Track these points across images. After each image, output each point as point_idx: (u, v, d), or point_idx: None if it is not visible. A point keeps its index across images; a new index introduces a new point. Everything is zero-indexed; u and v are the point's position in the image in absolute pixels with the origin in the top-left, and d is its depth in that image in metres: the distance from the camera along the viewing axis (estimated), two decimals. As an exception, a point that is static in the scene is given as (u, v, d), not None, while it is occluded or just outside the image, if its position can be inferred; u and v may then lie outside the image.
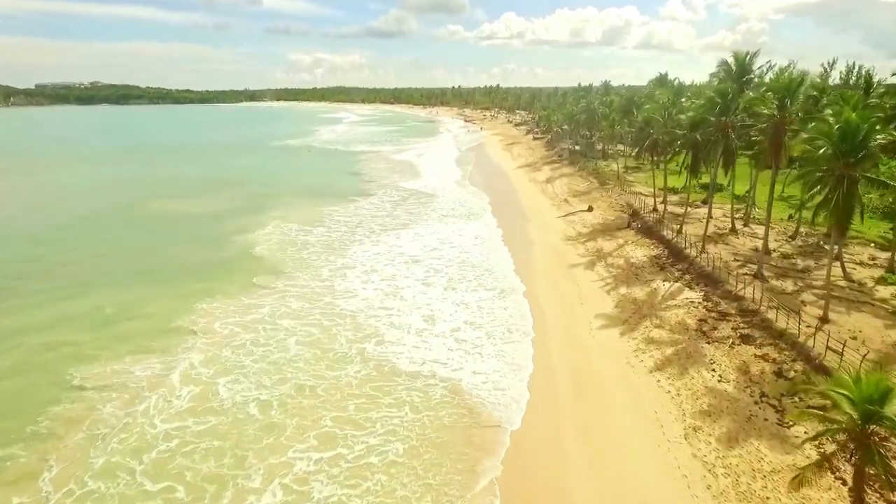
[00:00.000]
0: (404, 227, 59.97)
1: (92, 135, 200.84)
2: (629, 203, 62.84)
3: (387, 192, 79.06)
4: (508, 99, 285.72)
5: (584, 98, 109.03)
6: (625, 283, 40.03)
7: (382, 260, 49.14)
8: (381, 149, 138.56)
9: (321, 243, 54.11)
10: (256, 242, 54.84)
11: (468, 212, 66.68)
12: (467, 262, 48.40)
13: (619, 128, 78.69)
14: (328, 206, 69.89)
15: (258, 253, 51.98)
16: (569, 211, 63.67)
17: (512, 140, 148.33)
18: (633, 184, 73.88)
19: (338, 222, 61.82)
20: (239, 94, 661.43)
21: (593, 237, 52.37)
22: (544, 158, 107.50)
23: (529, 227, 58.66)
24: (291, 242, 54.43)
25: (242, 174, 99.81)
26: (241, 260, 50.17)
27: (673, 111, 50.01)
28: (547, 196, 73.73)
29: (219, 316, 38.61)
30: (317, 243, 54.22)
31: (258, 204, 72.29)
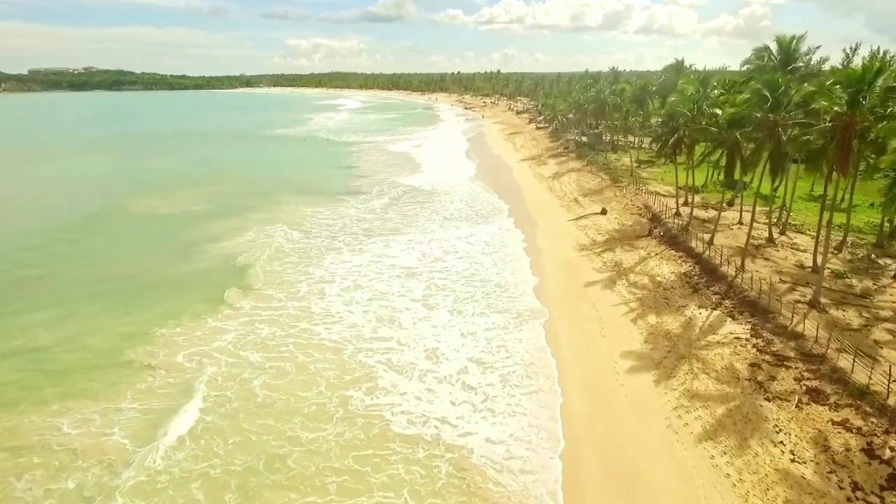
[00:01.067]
0: (396, 231, 53.85)
1: (80, 123, 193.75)
2: (647, 205, 56.71)
3: (382, 189, 72.81)
4: (509, 85, 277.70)
5: (592, 86, 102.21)
6: (652, 309, 34.11)
7: (369, 272, 43.17)
8: (378, 139, 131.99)
9: (307, 251, 48.10)
10: (236, 251, 48.95)
11: (472, 214, 60.54)
12: (473, 276, 42.46)
13: (634, 120, 72.19)
14: (318, 207, 63.74)
15: (238, 264, 46.11)
16: (580, 213, 57.57)
17: (514, 129, 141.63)
18: (649, 181, 67.67)
19: (327, 227, 55.67)
20: (235, 80, 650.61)
21: (610, 247, 46.35)
22: (549, 150, 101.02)
23: (537, 233, 52.61)
24: (276, 251, 48.35)
25: (230, 168, 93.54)
26: (218, 273, 44.26)
27: (703, 104, 43.66)
28: (555, 195, 67.55)
29: (182, 345, 32.98)
30: (303, 251, 48.19)
31: (243, 204, 66.17)
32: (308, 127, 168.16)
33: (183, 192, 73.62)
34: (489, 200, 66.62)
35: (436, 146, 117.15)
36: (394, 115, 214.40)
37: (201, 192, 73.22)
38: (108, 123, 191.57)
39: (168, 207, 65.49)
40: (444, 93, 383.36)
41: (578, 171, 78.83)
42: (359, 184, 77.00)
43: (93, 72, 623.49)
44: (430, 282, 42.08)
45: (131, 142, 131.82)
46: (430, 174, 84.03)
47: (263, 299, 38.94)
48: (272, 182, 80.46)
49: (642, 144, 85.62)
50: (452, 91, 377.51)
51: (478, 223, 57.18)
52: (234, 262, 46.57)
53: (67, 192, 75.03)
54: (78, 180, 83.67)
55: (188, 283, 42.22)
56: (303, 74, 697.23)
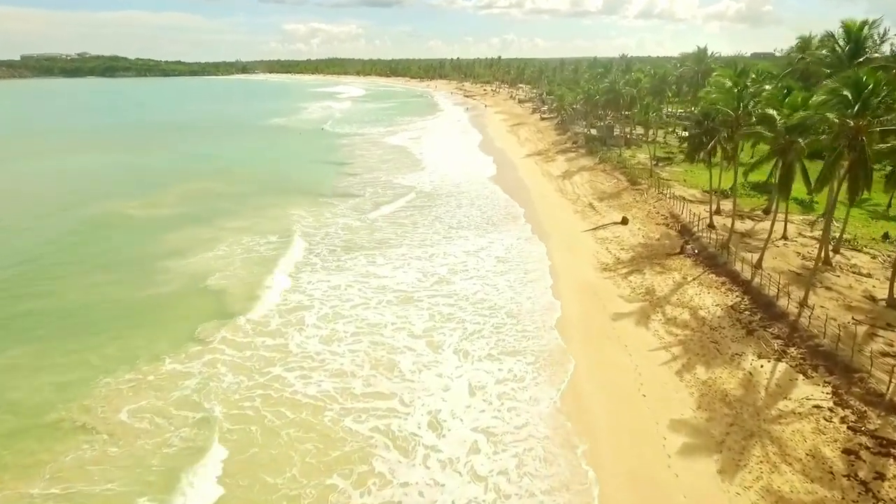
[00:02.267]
0: (391, 244, 47.48)
1: (66, 114, 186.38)
2: (673, 214, 50.39)
3: (377, 191, 66.33)
4: (511, 72, 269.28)
5: (604, 76, 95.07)
6: (700, 358, 27.99)
7: (353, 295, 36.93)
8: (376, 130, 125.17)
9: (289, 269, 41.81)
10: (206, 270, 42.75)
11: (482, 220, 54.14)
12: (483, 302, 36.31)
13: (655, 115, 65.48)
14: (305, 210, 57.34)
15: (208, 287, 39.98)
16: (598, 223, 51.23)
17: (517, 120, 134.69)
18: (670, 183, 61.26)
19: (311, 237, 49.26)
20: (230, 67, 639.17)
21: (637, 266, 40.11)
22: (556, 145, 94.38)
23: (551, 245, 46.37)
24: (250, 273, 42.09)
25: (217, 163, 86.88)
26: (182, 300, 38.22)
27: (749, 103, 37.17)
28: (566, 198, 61.16)
29: (128, 396, 27.14)
30: (283, 268, 41.92)
31: (223, 207, 59.82)
32: (303, 116, 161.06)
33: (162, 192, 67.15)
34: (499, 203, 60.26)
35: (436, 139, 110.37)
36: (392, 103, 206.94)
37: (181, 192, 66.87)
38: (96, 113, 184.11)
39: (142, 210, 59.10)
40: (443, 80, 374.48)
41: (591, 169, 72.34)
42: (352, 183, 70.47)
43: (86, 58, 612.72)
44: (432, 309, 36.00)
45: (117, 134, 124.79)
46: (430, 172, 77.48)
47: (232, 331, 32.89)
48: (259, 180, 74.06)
49: (656, 138, 78.94)
50: (452, 78, 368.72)
51: (488, 231, 50.88)
52: (204, 284, 40.37)
53: (38, 194, 68.26)
54: (53, 179, 76.79)
55: (147, 314, 36.08)
56: (299, 60, 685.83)
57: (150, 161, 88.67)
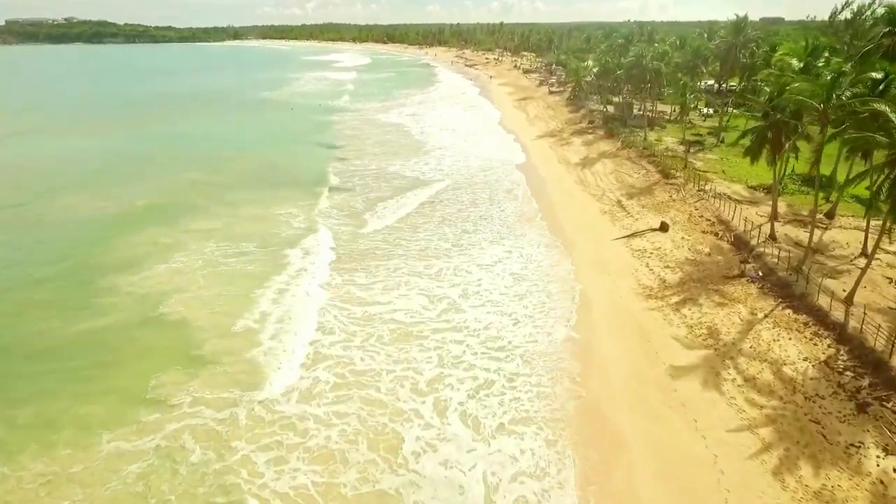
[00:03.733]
0: (388, 255, 39.89)
1: (38, 87, 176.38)
2: (721, 219, 42.76)
3: (372, 182, 58.42)
4: (514, 39, 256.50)
5: (624, 46, 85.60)
6: (802, 450, 20.91)
7: (336, 329, 29.72)
8: (372, 105, 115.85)
9: (250, 293, 34.27)
10: (159, 290, 35.56)
11: (497, 221, 46.51)
12: (497, 341, 29.33)
13: (694, 96, 56.67)
14: (287, 208, 49.59)
15: (160, 316, 32.80)
16: (631, 227, 43.66)
17: (523, 94, 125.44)
18: (707, 175, 53.44)
19: (290, 243, 41.56)
20: (222, 32, 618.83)
21: (690, 293, 32.79)
22: (570, 124, 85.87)
23: (578, 257, 39.05)
24: (214, 292, 34.80)
25: (196, 145, 78.68)
26: (132, 334, 31.13)
27: (844, 94, 29.24)
28: (589, 192, 53.39)
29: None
30: (244, 293, 34.40)
31: (190, 204, 52.04)
32: (295, 89, 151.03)
33: (134, 180, 59.46)
34: (512, 196, 52.50)
35: (437, 117, 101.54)
36: (390, 73, 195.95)
37: (154, 181, 59.01)
38: (72, 87, 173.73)
39: (95, 206, 51.17)
40: (442, 46, 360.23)
41: (613, 156, 64.28)
42: (345, 170, 62.44)
43: (73, 23, 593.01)
44: (440, 350, 29.01)
45: (88, 111, 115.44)
46: (434, 157, 69.40)
47: (185, 391, 25.85)
48: (241, 167, 65.98)
49: (690, 121, 70.29)
50: (451, 45, 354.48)
51: (502, 236, 43.38)
52: (158, 311, 33.16)
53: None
54: (20, 165, 68.30)
55: (79, 359, 28.97)
56: (294, 26, 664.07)
57: (118, 144, 79.98)
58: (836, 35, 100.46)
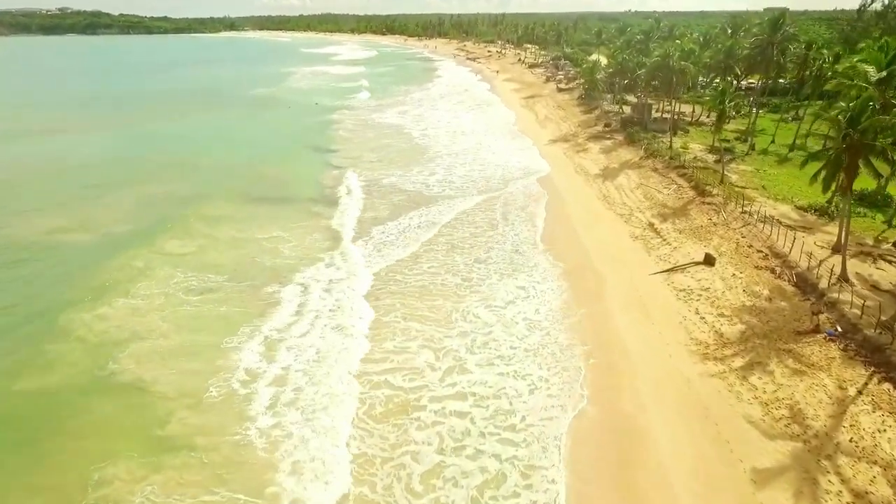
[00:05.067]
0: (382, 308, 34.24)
1: (26, 81, 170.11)
2: (772, 248, 36.98)
3: (377, 201, 52.48)
4: (518, 30, 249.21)
5: (645, 42, 79.22)
6: None
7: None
8: (371, 103, 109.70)
9: (222, 348, 28.62)
10: (118, 336, 30.16)
11: (509, 249, 40.59)
12: (501, 417, 23.62)
13: (735, 103, 50.42)
14: (272, 230, 43.70)
15: (115, 375, 27.44)
16: (669, 259, 37.88)
17: (530, 91, 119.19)
18: (746, 191, 47.67)
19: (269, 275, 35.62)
20: (218, 23, 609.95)
21: (756, 354, 27.11)
22: (584, 126, 79.88)
23: (609, 294, 33.49)
24: (180, 340, 29.19)
25: (180, 150, 72.63)
26: (80, 401, 25.98)
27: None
28: (615, 211, 47.62)
29: None
30: (215, 345, 28.76)
31: (167, 219, 46.66)
32: (291, 84, 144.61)
33: (102, 193, 53.50)
34: (528, 216, 46.66)
35: (443, 117, 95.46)
36: (390, 68, 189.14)
37: (125, 195, 53.12)
38: (58, 81, 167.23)
39: (68, 221, 46.06)
40: (442, 38, 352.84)
41: (637, 166, 58.41)
42: (337, 182, 56.52)
43: (67, 13, 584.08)
44: (441, 425, 23.75)
45: (73, 107, 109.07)
46: (440, 165, 63.49)
47: (142, 492, 20.36)
48: (225, 176, 60.26)
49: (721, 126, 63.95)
50: (452, 37, 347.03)
51: (517, 269, 37.50)
52: (107, 370, 27.71)
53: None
54: None
55: (17, 432, 23.63)
56: (291, 17, 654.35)
57: (99, 147, 73.94)
58: (865, 29, 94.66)
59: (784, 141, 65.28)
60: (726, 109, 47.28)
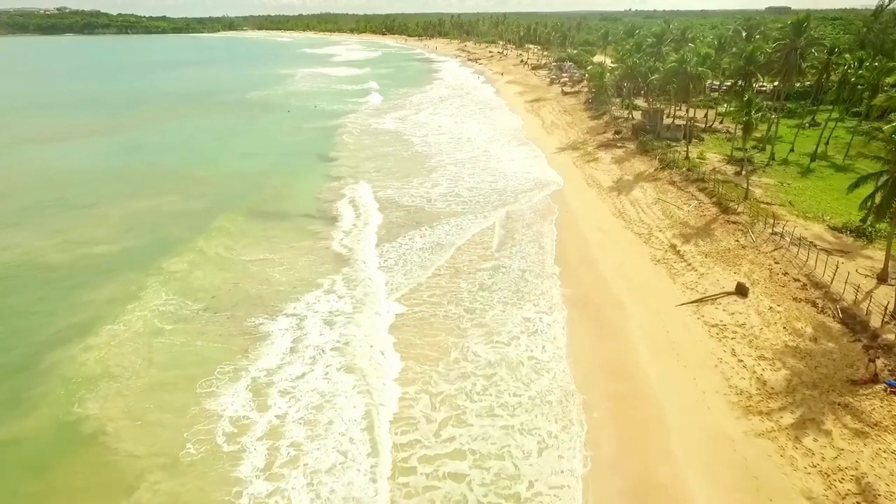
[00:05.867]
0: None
1: (19, 81, 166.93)
2: (811, 277, 33.78)
3: (369, 214, 49.32)
4: (521, 30, 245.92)
5: (655, 47, 75.86)
6: None
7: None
8: (371, 107, 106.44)
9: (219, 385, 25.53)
10: (92, 372, 27.29)
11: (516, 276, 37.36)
12: (503, 483, 20.71)
13: (762, 114, 46.96)
14: (266, 254, 40.43)
15: (80, 423, 24.53)
16: (697, 289, 34.66)
17: (535, 94, 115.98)
18: (774, 209, 44.50)
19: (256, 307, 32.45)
20: (217, 23, 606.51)
21: (808, 408, 23.92)
22: (593, 133, 76.69)
23: (634, 335, 30.28)
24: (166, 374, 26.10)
25: (170, 160, 69.34)
26: (46, 457, 22.94)
27: None
28: (632, 229, 44.44)
29: None
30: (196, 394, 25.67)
31: (153, 236, 44.07)
32: (289, 87, 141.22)
33: (89, 207, 50.44)
34: (539, 234, 43.46)
35: (447, 122, 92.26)
36: (390, 69, 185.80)
37: (113, 211, 50.05)
38: (50, 82, 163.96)
39: (54, 241, 42.94)
40: (443, 38, 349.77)
41: (653, 178, 55.21)
42: (337, 195, 53.26)
43: (65, 13, 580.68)
44: None
45: (64, 111, 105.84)
46: (445, 175, 60.30)
47: None
48: (215, 190, 57.02)
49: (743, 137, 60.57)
50: (453, 37, 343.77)
51: (523, 297, 34.29)
52: (70, 417, 24.72)
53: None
54: None
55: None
56: (290, 16, 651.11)
57: (88, 156, 70.89)
58: (883, 30, 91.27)
59: (803, 149, 62.19)
60: (753, 121, 43.98)
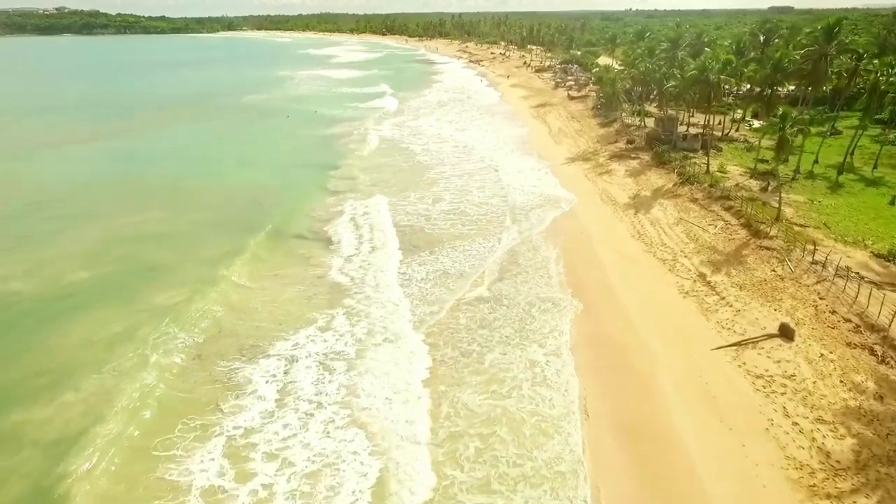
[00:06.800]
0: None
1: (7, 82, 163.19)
2: (863, 317, 30.09)
3: (368, 234, 45.60)
4: (523, 31, 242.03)
5: (673, 51, 71.85)
6: None
7: None
8: (375, 113, 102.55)
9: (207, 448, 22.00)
10: (73, 426, 23.81)
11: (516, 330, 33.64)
12: None
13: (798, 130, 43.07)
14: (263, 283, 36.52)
15: None
16: (733, 328, 30.93)
17: (540, 99, 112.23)
18: (810, 232, 40.81)
19: (238, 362, 28.72)
20: (216, 23, 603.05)
21: (886, 492, 20.27)
22: (603, 142, 72.94)
23: (666, 387, 26.58)
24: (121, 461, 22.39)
25: (158, 171, 65.48)
26: None
27: None
28: (655, 255, 40.59)
29: None
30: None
31: (134, 262, 40.30)
32: (287, 90, 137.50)
33: (50, 234, 46.52)
34: (533, 254, 39.73)
35: (443, 130, 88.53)
36: (391, 71, 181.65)
37: (82, 233, 46.27)
38: (42, 84, 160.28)
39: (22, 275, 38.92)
40: (443, 39, 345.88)
41: (672, 195, 51.44)
42: (337, 213, 49.51)
43: (63, 13, 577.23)
44: None
45: (45, 116, 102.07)
46: (448, 189, 56.57)
47: None
48: (205, 206, 53.27)
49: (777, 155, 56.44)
50: (453, 37, 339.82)
51: (527, 338, 30.57)
52: None
53: None
54: None
55: None
56: (290, 16, 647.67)
57: (71, 166, 67.14)
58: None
59: (827, 160, 58.64)
60: (788, 138, 40.24)
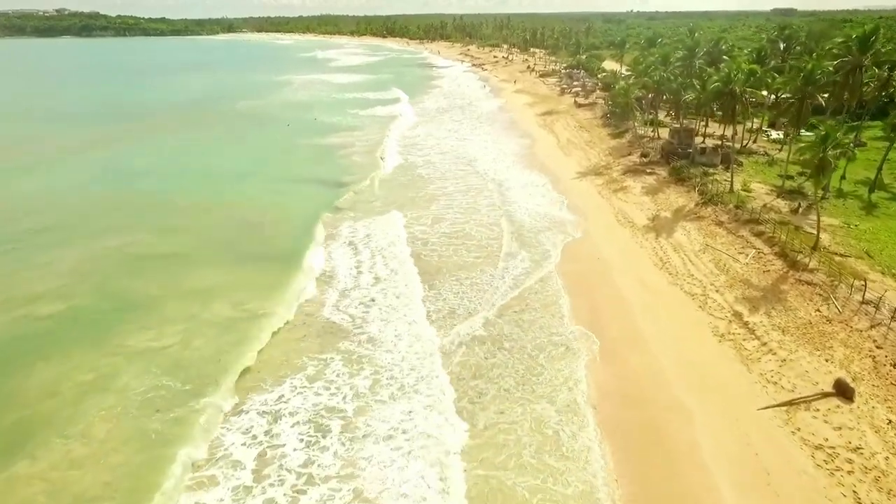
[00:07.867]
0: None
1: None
2: (933, 371, 26.41)
3: (367, 263, 41.90)
4: (526, 34, 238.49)
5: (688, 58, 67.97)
6: None
7: None
8: (376, 121, 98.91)
9: None
10: None
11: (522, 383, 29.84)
12: None
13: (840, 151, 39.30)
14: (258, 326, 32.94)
15: None
16: (781, 385, 27.21)
17: (545, 106, 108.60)
18: (851, 263, 37.12)
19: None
20: (216, 25, 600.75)
21: None
22: (615, 155, 69.23)
23: (711, 466, 22.85)
24: None
25: (148, 185, 61.79)
26: None
27: None
28: (682, 288, 36.80)
29: None
30: None
31: (111, 289, 36.51)
32: (287, 96, 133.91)
33: (22, 256, 42.92)
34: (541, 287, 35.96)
35: (444, 140, 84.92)
36: (393, 75, 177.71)
37: (58, 255, 42.72)
38: (27, 90, 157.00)
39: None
40: (445, 41, 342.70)
41: (695, 216, 47.70)
42: (335, 234, 45.89)
43: (63, 15, 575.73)
44: None
45: (31, 124, 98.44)
46: (441, 205, 52.91)
47: None
48: (195, 226, 49.65)
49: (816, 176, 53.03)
50: (455, 39, 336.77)
51: (534, 392, 26.81)
52: None
53: None
54: None
55: None
56: (290, 17, 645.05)
57: (46, 182, 63.30)
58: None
59: (853, 175, 55.10)
60: (831, 161, 36.51)
